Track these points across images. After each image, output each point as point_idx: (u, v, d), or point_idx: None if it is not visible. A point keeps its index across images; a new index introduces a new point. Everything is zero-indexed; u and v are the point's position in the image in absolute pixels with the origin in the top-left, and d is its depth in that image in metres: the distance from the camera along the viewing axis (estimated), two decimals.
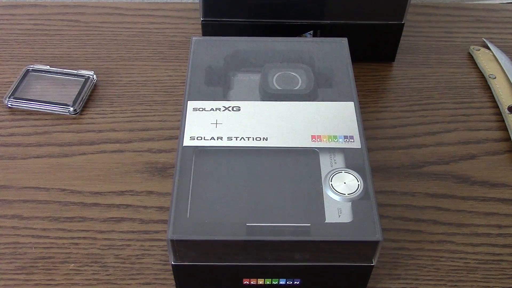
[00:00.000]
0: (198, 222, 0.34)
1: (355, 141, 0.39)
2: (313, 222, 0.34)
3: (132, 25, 0.65)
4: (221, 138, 0.39)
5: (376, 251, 0.35)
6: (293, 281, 0.38)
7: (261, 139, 0.39)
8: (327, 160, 0.38)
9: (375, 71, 0.60)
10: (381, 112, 0.55)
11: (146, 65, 0.60)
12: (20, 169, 0.48)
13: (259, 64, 0.45)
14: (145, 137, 0.51)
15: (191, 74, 0.44)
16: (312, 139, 0.39)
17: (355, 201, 0.36)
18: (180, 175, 0.37)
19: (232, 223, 0.34)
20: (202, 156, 0.38)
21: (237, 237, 0.34)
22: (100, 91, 0.56)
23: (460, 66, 0.61)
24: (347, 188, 0.36)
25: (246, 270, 0.37)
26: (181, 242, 0.34)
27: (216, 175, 0.37)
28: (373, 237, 0.34)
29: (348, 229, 0.34)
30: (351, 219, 0.35)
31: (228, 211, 0.35)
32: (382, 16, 0.56)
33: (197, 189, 0.36)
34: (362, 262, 0.36)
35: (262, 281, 0.38)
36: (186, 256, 0.35)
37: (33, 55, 0.61)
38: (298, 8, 0.55)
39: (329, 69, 0.45)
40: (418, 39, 0.64)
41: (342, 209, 0.35)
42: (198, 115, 0.41)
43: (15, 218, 0.45)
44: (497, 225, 0.45)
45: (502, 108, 0.55)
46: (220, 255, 0.35)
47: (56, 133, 0.52)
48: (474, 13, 0.69)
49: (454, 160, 0.50)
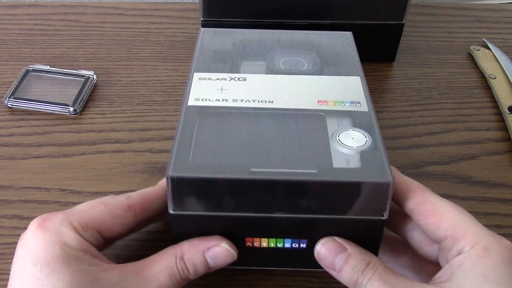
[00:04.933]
0: (200, 163, 0.33)
1: (362, 105, 0.38)
2: (320, 167, 0.33)
3: (132, 25, 0.65)
4: (226, 100, 0.38)
5: (387, 199, 0.33)
6: (299, 243, 0.36)
7: (266, 102, 0.38)
8: (334, 122, 0.37)
9: (375, 71, 0.60)
10: (381, 112, 0.55)
11: (146, 65, 0.60)
12: (20, 169, 0.48)
13: (265, 52, 0.45)
14: (145, 137, 0.51)
15: (198, 54, 0.43)
16: (319, 103, 0.38)
17: (364, 152, 0.34)
18: (183, 127, 0.35)
19: (235, 165, 0.33)
20: (206, 115, 0.37)
21: (240, 176, 0.32)
22: (100, 91, 0.56)
23: (460, 66, 0.61)
24: (355, 142, 0.35)
25: (249, 225, 0.35)
26: (181, 181, 0.32)
27: (221, 130, 0.36)
28: (383, 179, 0.32)
29: (357, 172, 0.33)
30: (359, 165, 0.33)
31: (232, 157, 0.34)
32: (382, 16, 0.56)
33: (201, 139, 0.35)
34: (372, 215, 0.34)
35: (266, 243, 0.36)
36: (186, 203, 0.34)
37: (33, 55, 0.61)
38: (298, 8, 0.55)
39: (335, 55, 0.44)
40: (418, 39, 0.64)
41: (350, 159, 0.34)
42: (204, 83, 0.40)
43: (15, 218, 0.45)
44: (497, 225, 0.45)
45: (502, 108, 0.55)
46: (221, 201, 0.34)
47: (56, 133, 0.52)
48: (474, 13, 0.69)
49: (454, 160, 0.50)
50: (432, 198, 0.34)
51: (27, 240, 0.34)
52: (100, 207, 0.35)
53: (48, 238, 0.33)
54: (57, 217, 0.34)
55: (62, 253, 0.32)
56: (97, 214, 0.35)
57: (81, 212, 0.35)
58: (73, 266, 0.32)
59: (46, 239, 0.33)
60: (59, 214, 0.34)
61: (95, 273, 0.32)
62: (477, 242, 0.32)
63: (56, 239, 0.33)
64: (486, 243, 0.32)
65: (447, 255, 0.33)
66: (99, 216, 0.35)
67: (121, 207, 0.36)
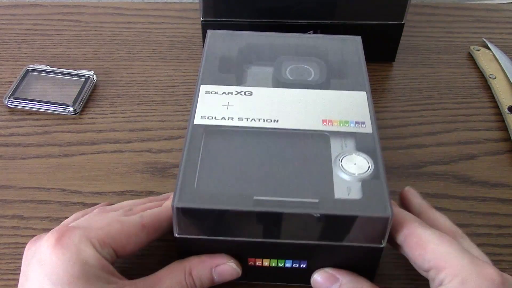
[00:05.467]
0: (205, 192, 0.34)
1: (366, 126, 0.38)
2: (322, 197, 0.33)
3: (132, 25, 0.65)
4: (232, 119, 0.39)
5: (386, 230, 0.34)
6: (300, 264, 0.36)
7: (272, 121, 0.39)
8: (337, 144, 0.37)
9: (375, 71, 0.60)
10: (381, 112, 0.55)
11: (146, 65, 0.60)
12: (20, 169, 0.48)
13: (272, 57, 0.45)
14: (145, 137, 0.51)
15: (205, 62, 0.44)
16: (323, 123, 0.39)
17: (365, 180, 0.35)
18: (188, 150, 0.36)
19: (239, 195, 0.34)
20: (212, 135, 0.38)
21: (244, 208, 0.33)
22: (100, 91, 0.56)
23: (460, 66, 0.61)
24: (357, 168, 0.35)
25: (251, 248, 0.36)
26: (186, 210, 0.33)
27: (225, 152, 0.37)
28: (383, 213, 0.33)
29: (357, 204, 0.33)
30: (360, 196, 0.34)
31: (235, 184, 0.35)
32: (382, 16, 0.56)
33: (206, 163, 0.35)
34: (371, 243, 0.35)
35: (267, 263, 0.37)
36: (190, 228, 0.34)
37: (33, 55, 0.61)
38: (298, 8, 0.55)
39: (342, 63, 0.44)
40: (418, 39, 0.64)
41: (351, 188, 0.34)
42: (210, 98, 0.40)
43: (15, 218, 0.45)
44: (497, 225, 0.45)
45: (502, 108, 0.55)
46: (225, 228, 0.34)
47: (56, 133, 0.52)
48: (474, 13, 0.69)
49: (454, 160, 0.50)
50: (419, 230, 0.35)
51: (44, 257, 0.33)
52: (117, 225, 0.36)
53: (68, 257, 0.32)
54: (75, 233, 0.34)
55: (82, 273, 0.32)
56: (113, 232, 0.35)
57: (98, 229, 0.35)
58: (93, 285, 0.32)
59: (66, 258, 0.32)
60: (77, 230, 0.34)
61: None
62: (456, 274, 0.32)
63: (76, 257, 0.32)
64: (464, 275, 0.32)
65: (433, 285, 0.34)
66: (115, 234, 0.35)
67: (135, 227, 0.36)
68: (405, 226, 0.35)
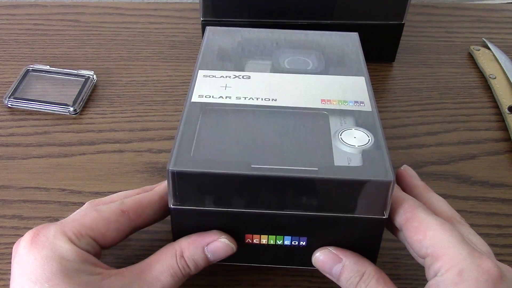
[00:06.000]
0: (201, 158, 0.33)
1: (365, 105, 0.38)
2: (321, 165, 0.33)
3: (132, 25, 0.65)
4: (230, 97, 0.38)
5: (388, 197, 0.33)
6: (299, 241, 0.36)
7: (270, 100, 0.38)
8: (337, 121, 0.37)
9: (375, 71, 0.60)
10: (381, 112, 0.55)
11: (146, 65, 0.60)
12: (20, 169, 0.48)
13: (271, 51, 0.45)
14: (145, 137, 0.51)
15: (203, 53, 0.44)
16: (322, 102, 0.38)
17: (365, 151, 0.34)
18: (185, 123, 0.36)
19: (236, 161, 0.33)
20: (209, 112, 0.37)
21: (241, 172, 0.32)
22: (100, 91, 0.56)
23: (460, 66, 0.61)
24: (357, 141, 0.35)
25: (249, 221, 0.35)
26: (182, 175, 0.32)
27: (223, 126, 0.36)
28: (385, 177, 0.32)
29: (358, 170, 0.33)
30: (361, 164, 0.33)
31: (233, 153, 0.34)
32: (382, 16, 0.56)
33: (203, 135, 0.35)
34: (373, 214, 0.34)
35: (265, 240, 0.36)
36: (186, 198, 0.34)
37: (33, 55, 0.61)
38: (297, 8, 0.55)
39: (340, 56, 0.44)
40: (418, 39, 0.64)
41: (352, 158, 0.34)
42: (208, 80, 0.40)
43: (15, 218, 0.45)
44: (497, 225, 0.45)
45: (502, 108, 0.55)
46: (221, 196, 0.34)
47: (56, 133, 0.52)
48: (474, 13, 0.69)
49: (454, 160, 0.50)
50: (420, 214, 0.34)
51: (21, 257, 0.33)
52: (93, 214, 0.35)
53: (44, 254, 0.32)
54: (49, 230, 0.33)
55: (60, 268, 0.32)
56: (89, 220, 0.34)
57: (73, 221, 0.34)
58: (74, 279, 0.31)
59: (42, 256, 0.32)
60: (51, 226, 0.34)
61: (97, 282, 0.32)
62: (453, 265, 0.31)
63: (52, 254, 0.32)
64: (461, 266, 0.31)
65: (427, 273, 0.33)
66: (92, 222, 0.34)
67: (114, 212, 0.35)
68: (407, 210, 0.34)
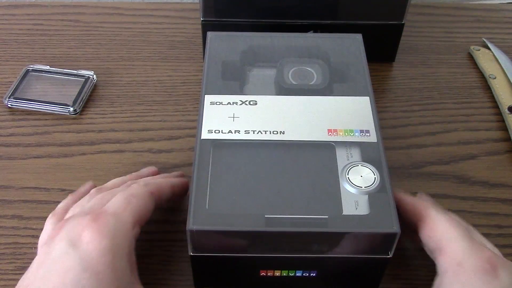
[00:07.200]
0: (217, 213, 0.35)
1: (371, 135, 0.39)
2: (331, 214, 0.34)
3: (132, 25, 0.65)
4: (239, 132, 0.39)
5: (393, 243, 0.35)
6: (309, 273, 0.38)
7: (278, 133, 0.39)
8: (343, 154, 0.38)
9: (375, 71, 0.60)
10: (381, 112, 0.55)
11: (146, 65, 0.60)
12: (20, 169, 0.48)
13: (274, 59, 0.45)
14: (145, 137, 0.51)
15: (207, 69, 0.44)
16: (329, 133, 0.39)
17: (372, 194, 0.36)
18: (198, 168, 0.37)
19: (250, 215, 0.34)
20: (220, 149, 0.38)
21: (256, 228, 0.34)
22: (100, 91, 0.56)
23: (460, 66, 0.61)
24: (364, 181, 0.36)
25: (263, 262, 0.37)
26: (200, 232, 0.34)
27: (234, 168, 0.37)
28: (391, 229, 0.34)
29: (366, 221, 0.34)
30: (368, 211, 0.35)
31: (246, 202, 0.35)
32: (382, 16, 0.56)
33: (216, 181, 0.36)
34: (378, 254, 0.36)
35: (278, 273, 0.38)
36: (204, 247, 0.35)
37: (33, 55, 0.60)
38: (298, 8, 0.55)
39: (344, 64, 0.45)
40: (418, 39, 0.64)
41: (359, 202, 0.35)
42: (215, 109, 0.41)
43: (15, 218, 0.45)
44: (497, 225, 0.45)
45: (502, 108, 0.55)
46: (238, 246, 0.35)
47: (56, 133, 0.52)
48: (474, 13, 0.69)
49: (454, 160, 0.50)
50: (433, 213, 0.36)
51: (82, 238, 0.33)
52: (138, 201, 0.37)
53: (104, 244, 0.33)
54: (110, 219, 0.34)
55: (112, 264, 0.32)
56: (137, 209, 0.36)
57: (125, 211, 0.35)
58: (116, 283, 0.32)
59: (102, 246, 0.33)
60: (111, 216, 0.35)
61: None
62: (453, 258, 0.34)
63: (110, 246, 0.33)
64: (460, 258, 0.33)
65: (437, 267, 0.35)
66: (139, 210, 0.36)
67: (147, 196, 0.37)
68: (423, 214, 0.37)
